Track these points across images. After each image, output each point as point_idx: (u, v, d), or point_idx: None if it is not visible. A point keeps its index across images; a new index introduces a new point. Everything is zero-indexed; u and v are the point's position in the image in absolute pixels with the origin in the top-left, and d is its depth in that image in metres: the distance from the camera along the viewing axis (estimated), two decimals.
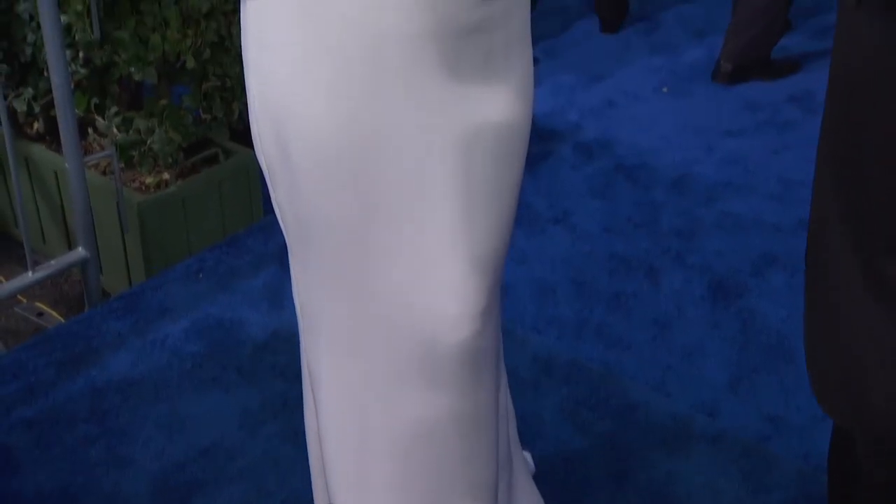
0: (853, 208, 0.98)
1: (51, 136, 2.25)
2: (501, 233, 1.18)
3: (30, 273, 1.99)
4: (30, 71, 2.09)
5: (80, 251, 1.98)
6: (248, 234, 2.34)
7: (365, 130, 1.10)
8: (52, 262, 1.94)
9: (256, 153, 1.19)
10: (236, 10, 2.11)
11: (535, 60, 3.29)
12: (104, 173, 2.17)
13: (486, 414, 1.19)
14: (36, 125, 2.21)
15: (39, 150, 2.21)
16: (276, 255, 2.26)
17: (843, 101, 0.98)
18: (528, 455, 1.63)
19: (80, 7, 1.82)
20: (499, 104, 1.16)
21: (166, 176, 2.21)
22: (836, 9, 1.05)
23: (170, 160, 2.16)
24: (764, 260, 2.31)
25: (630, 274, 2.27)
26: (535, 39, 1.25)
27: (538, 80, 3.07)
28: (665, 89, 3.12)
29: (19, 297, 2.17)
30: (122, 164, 2.14)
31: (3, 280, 2.19)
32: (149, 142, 2.10)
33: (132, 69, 1.95)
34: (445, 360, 1.12)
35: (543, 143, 2.81)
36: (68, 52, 1.89)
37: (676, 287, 2.22)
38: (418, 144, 1.11)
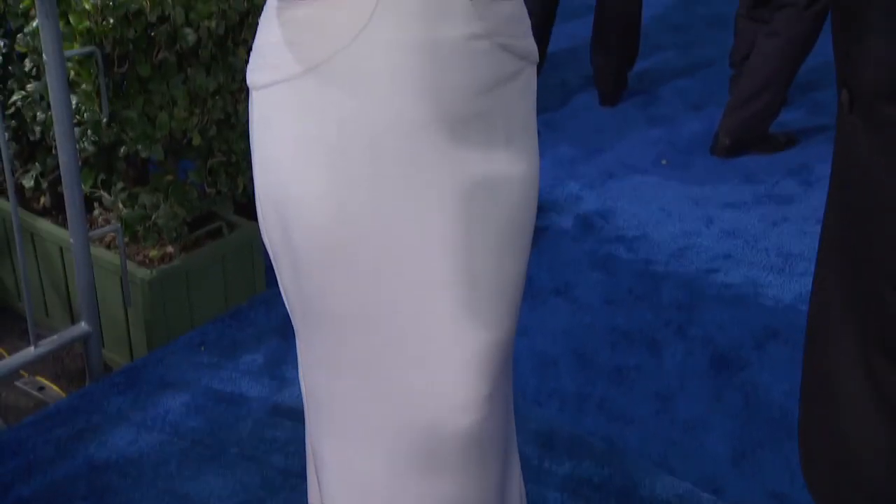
0: (856, 301, 0.98)
1: (56, 210, 2.27)
2: (506, 318, 1.18)
3: (32, 348, 2.00)
4: (38, 148, 2.13)
5: (82, 326, 1.99)
6: (250, 307, 2.35)
7: (365, 218, 1.11)
8: (55, 336, 1.95)
9: (262, 235, 1.21)
10: (243, 88, 2.16)
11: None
12: (108, 247, 2.19)
13: (492, 500, 1.18)
14: (42, 199, 2.24)
15: (45, 225, 2.23)
16: (279, 327, 2.26)
17: (846, 199, 0.99)
18: None
19: (89, 88, 1.86)
20: (500, 188, 1.17)
21: (170, 249, 2.23)
22: (833, 84, 1.07)
23: (174, 234, 2.18)
24: (765, 333, 2.32)
25: (632, 347, 2.27)
26: (536, 112, 1.27)
27: (539, 153, 3.10)
28: (664, 161, 3.16)
29: (21, 371, 2.17)
30: (127, 239, 2.16)
31: (6, 354, 2.19)
32: (154, 217, 2.13)
33: (139, 147, 1.98)
34: (450, 445, 1.11)
35: (544, 214, 2.83)
36: (77, 131, 1.92)
37: (678, 360, 2.22)
38: (418, 229, 1.13)
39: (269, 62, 1.11)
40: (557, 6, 3.41)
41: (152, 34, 1.97)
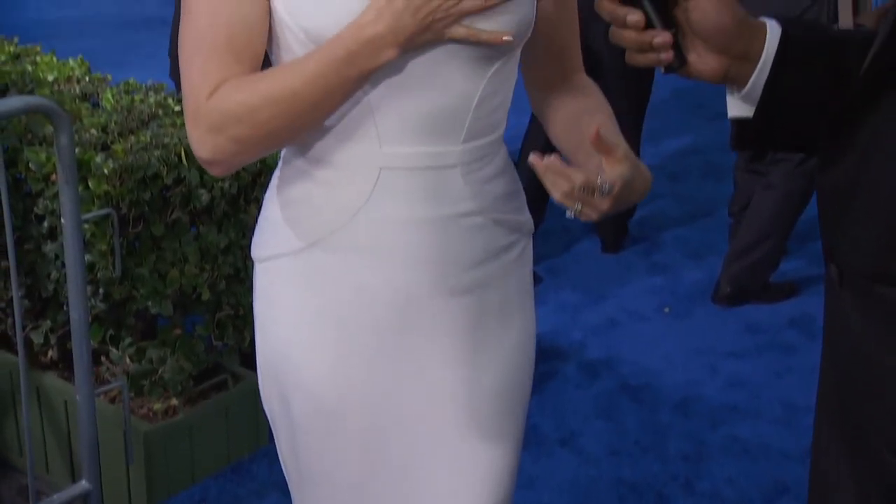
0: (857, 468, 0.98)
1: (63, 364, 2.28)
2: (506, 476, 1.19)
3: None
4: (50, 304, 2.16)
5: (83, 484, 1.96)
6: (252, 461, 2.32)
7: (364, 389, 1.13)
8: (55, 496, 1.93)
9: (263, 403, 1.22)
10: None
11: (539, 279, 3.39)
12: (113, 401, 2.19)
13: None
14: (50, 353, 2.25)
15: (51, 379, 2.24)
16: (280, 482, 2.22)
17: (840, 369, 1.00)
18: None
19: (104, 248, 1.91)
20: (497, 356, 1.19)
21: (174, 402, 2.23)
22: None
23: (179, 388, 2.18)
24: (775, 488, 2.28)
25: (639, 501, 2.24)
26: (538, 258, 1.31)
27: (542, 299, 3.14)
28: (667, 309, 3.19)
29: None
30: (132, 393, 2.17)
31: None
32: (160, 371, 2.14)
33: (149, 303, 2.02)
34: None
35: (548, 362, 2.84)
36: (88, 288, 1.96)
37: None
38: (418, 398, 1.14)
39: (270, 237, 1.15)
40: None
41: (167, 195, 2.03)
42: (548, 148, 3.57)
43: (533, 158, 0.98)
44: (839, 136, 0.95)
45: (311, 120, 1.04)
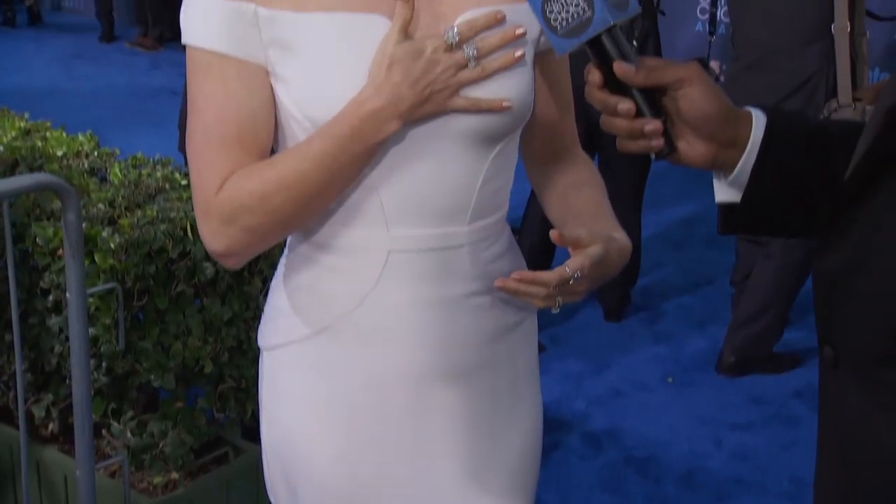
0: None
1: (63, 437, 2.27)
2: None
3: None
4: (52, 378, 2.17)
5: None
6: None
7: (374, 472, 1.13)
8: None
9: (268, 492, 1.22)
10: (256, 316, 2.21)
11: (542, 347, 3.38)
12: (113, 475, 2.17)
13: None
14: (51, 426, 2.25)
15: (51, 453, 2.23)
16: None
17: (837, 451, 1.00)
18: None
19: (108, 321, 1.92)
20: (506, 437, 1.19)
21: (175, 476, 2.21)
22: None
23: (180, 462, 2.17)
24: None
25: None
26: (541, 326, 1.31)
27: (545, 368, 3.13)
28: (670, 379, 3.18)
29: None
30: (133, 468, 2.15)
31: None
32: (161, 444, 2.12)
33: (152, 376, 2.02)
34: None
35: (552, 433, 2.82)
36: (91, 362, 1.96)
37: None
38: (427, 479, 1.14)
39: (278, 325, 1.16)
40: None
41: (172, 268, 2.05)
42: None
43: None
44: (836, 222, 0.96)
45: (322, 201, 1.05)
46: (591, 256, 1.02)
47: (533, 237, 3.42)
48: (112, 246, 1.91)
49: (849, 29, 2.77)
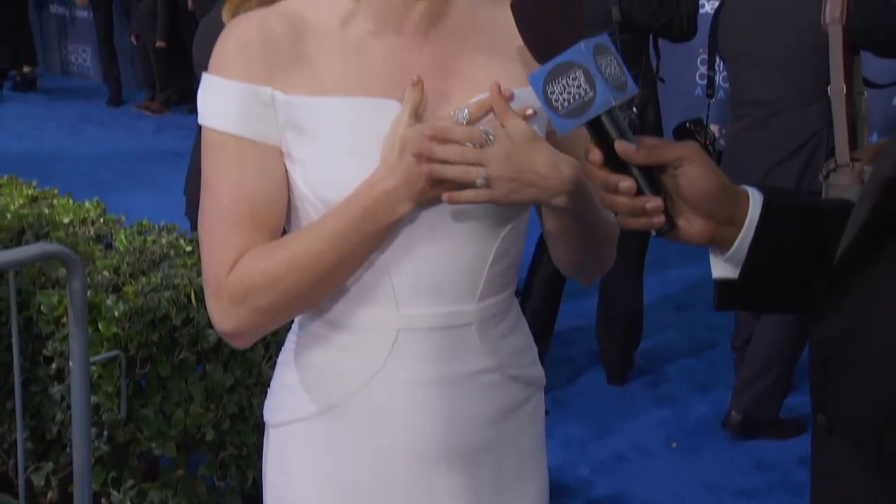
0: None
1: None
2: None
3: None
4: (53, 446, 2.16)
5: None
6: None
7: None
8: None
9: None
10: (258, 383, 2.21)
11: (545, 411, 3.35)
12: None
13: None
14: (50, 495, 2.23)
15: None
16: None
17: None
18: None
19: (110, 389, 1.92)
20: None
21: None
22: None
23: None
24: None
25: None
26: (544, 389, 1.30)
27: (548, 432, 3.08)
28: (674, 444, 3.15)
29: None
30: None
31: None
32: None
33: (153, 444, 2.01)
34: None
35: (556, 500, 2.79)
36: (93, 430, 1.96)
37: None
38: None
39: (285, 403, 1.16)
40: (563, 287, 3.56)
41: (176, 336, 2.06)
42: (553, 277, 3.57)
43: None
44: (833, 291, 0.97)
45: (333, 282, 1.06)
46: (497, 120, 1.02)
47: (535, 301, 3.43)
48: (116, 314, 1.92)
49: (845, 91, 2.80)
